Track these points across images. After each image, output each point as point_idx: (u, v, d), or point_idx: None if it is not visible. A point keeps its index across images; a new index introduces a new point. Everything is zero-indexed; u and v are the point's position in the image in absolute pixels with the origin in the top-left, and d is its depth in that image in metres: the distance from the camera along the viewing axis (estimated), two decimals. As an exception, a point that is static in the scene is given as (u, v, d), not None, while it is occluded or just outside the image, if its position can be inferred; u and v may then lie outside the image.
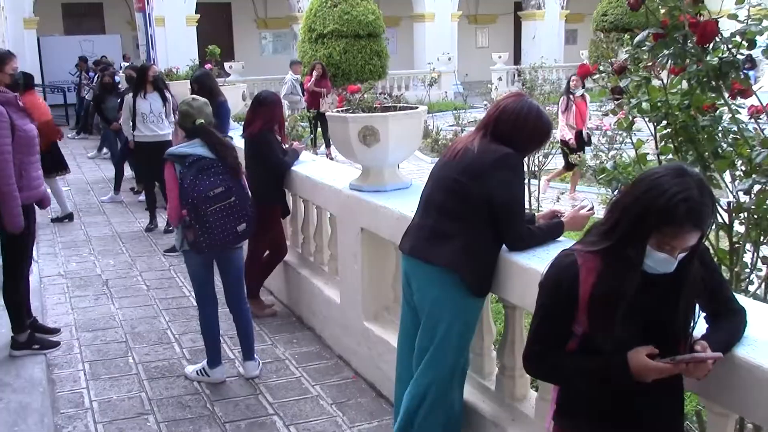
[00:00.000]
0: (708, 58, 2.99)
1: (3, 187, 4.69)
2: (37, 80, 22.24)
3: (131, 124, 8.69)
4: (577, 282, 2.21)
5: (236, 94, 9.67)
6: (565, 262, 2.27)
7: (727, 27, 2.97)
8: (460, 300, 3.24)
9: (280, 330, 5.72)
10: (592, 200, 3.54)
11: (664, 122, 3.32)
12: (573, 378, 2.30)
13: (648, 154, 3.52)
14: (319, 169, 5.74)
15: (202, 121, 4.57)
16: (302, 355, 5.26)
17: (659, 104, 3.30)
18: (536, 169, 7.94)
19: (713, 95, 3.06)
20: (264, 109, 5.75)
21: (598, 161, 9.12)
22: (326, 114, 5.19)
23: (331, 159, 12.32)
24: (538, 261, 3.12)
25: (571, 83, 10.80)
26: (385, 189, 4.66)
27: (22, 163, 4.77)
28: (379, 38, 20.62)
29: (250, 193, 4.67)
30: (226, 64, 19.30)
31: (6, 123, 4.66)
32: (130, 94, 8.88)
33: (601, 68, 3.36)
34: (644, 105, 3.33)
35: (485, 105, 15.15)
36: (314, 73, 14.67)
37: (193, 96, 4.91)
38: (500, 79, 22.47)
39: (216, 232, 4.48)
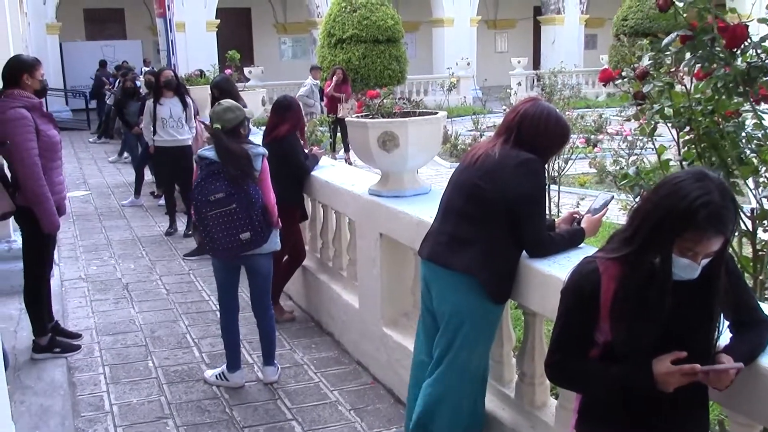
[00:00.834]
0: (736, 62, 2.95)
1: (37, 189, 4.75)
2: (59, 85, 22.57)
3: (152, 128, 8.75)
4: (599, 289, 2.19)
5: (256, 99, 9.70)
6: (586, 269, 2.25)
7: (756, 31, 2.93)
8: (480, 306, 3.23)
9: (299, 335, 5.72)
10: (605, 198, 3.50)
11: (687, 128, 3.29)
12: (596, 385, 2.27)
13: (670, 160, 3.49)
14: (338, 175, 5.74)
15: (218, 126, 4.59)
16: (321, 360, 5.26)
17: (682, 110, 3.27)
18: (556, 174, 7.89)
19: (739, 100, 3.03)
20: (291, 114, 5.79)
21: (618, 167, 9.09)
22: (346, 119, 5.20)
23: (350, 164, 12.34)
24: (558, 268, 3.10)
25: None
26: (405, 194, 4.65)
27: (45, 167, 4.82)
28: (398, 43, 20.64)
29: (264, 202, 4.60)
30: (246, 69, 19.39)
31: (32, 127, 4.72)
32: (151, 99, 8.95)
33: (624, 73, 3.33)
34: (667, 110, 3.31)
35: (504, 110, 15.12)
36: (334, 78, 14.70)
37: (222, 101, 4.94)
38: (519, 84, 22.43)
39: (217, 238, 4.49)
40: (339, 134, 14.53)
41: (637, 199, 3.37)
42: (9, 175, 4.93)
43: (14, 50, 7.84)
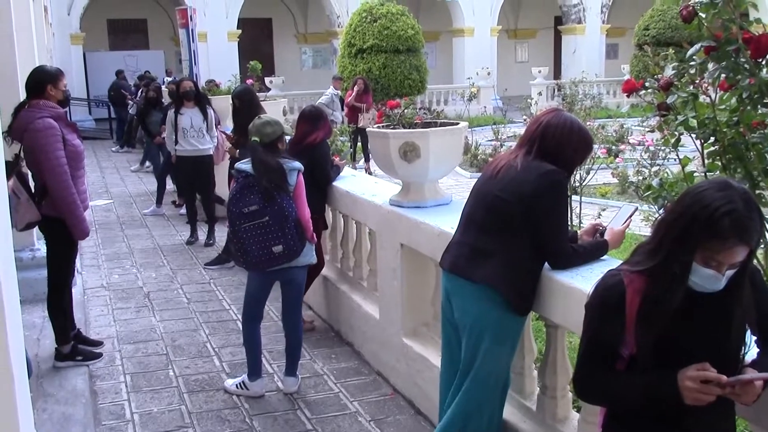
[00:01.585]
0: (761, 72, 2.92)
1: (67, 197, 4.81)
2: (83, 94, 22.82)
3: (173, 138, 8.81)
4: (624, 302, 2.17)
5: (277, 110, 9.74)
6: (611, 282, 2.23)
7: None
8: (502, 318, 3.21)
9: (319, 345, 5.72)
10: (629, 210, 3.47)
11: (712, 139, 3.26)
12: (622, 397, 2.23)
13: (695, 171, 3.46)
14: (359, 185, 5.75)
15: (256, 139, 4.64)
16: (341, 370, 5.25)
17: (707, 121, 3.24)
18: (578, 184, 7.85)
19: (764, 111, 2.99)
20: (323, 122, 5.85)
21: (640, 177, 9.02)
22: (367, 130, 5.21)
23: (370, 173, 12.35)
24: (581, 280, 3.08)
25: None
26: (426, 205, 4.64)
27: (71, 176, 4.86)
28: (419, 53, 20.69)
29: (297, 216, 4.63)
30: (267, 79, 19.52)
31: (59, 137, 4.78)
32: (173, 109, 9.01)
33: (648, 84, 3.30)
34: (691, 122, 3.27)
35: (525, 120, 15.09)
36: (355, 88, 14.74)
37: (259, 115, 5.00)
38: (540, 93, 22.37)
39: (250, 250, 4.53)
40: (359, 144, 14.55)
41: (661, 211, 3.34)
42: (32, 185, 4.99)
43: (39, 60, 7.94)
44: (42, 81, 4.91)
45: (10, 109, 4.92)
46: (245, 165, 4.64)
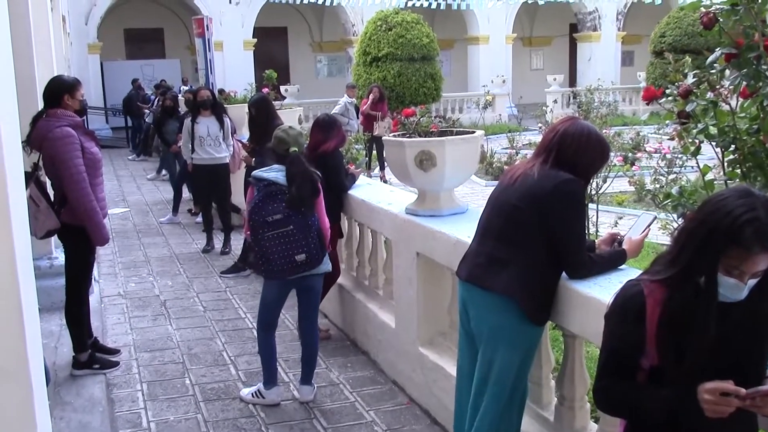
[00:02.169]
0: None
1: (86, 204, 4.84)
2: (100, 103, 23.01)
3: (190, 147, 8.86)
4: (644, 313, 2.15)
5: (293, 118, 9.77)
6: (631, 292, 2.20)
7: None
8: (519, 328, 3.18)
9: (335, 354, 5.71)
10: (647, 219, 3.44)
11: (732, 147, 3.23)
12: (643, 410, 2.21)
13: (714, 180, 3.43)
14: (374, 193, 5.74)
15: (296, 149, 4.66)
16: (356, 379, 5.24)
17: (727, 129, 3.21)
18: (594, 193, 7.80)
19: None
20: (337, 131, 5.86)
21: (657, 185, 8.97)
22: (383, 138, 5.21)
23: (385, 182, 12.36)
24: (599, 290, 3.05)
25: None
26: (442, 213, 4.63)
27: (89, 184, 4.89)
28: (434, 61, 20.71)
29: (320, 224, 4.68)
30: (282, 87, 19.58)
31: (77, 145, 4.81)
32: (189, 118, 9.06)
33: (668, 92, 3.28)
34: (711, 130, 3.25)
35: (540, 128, 15.05)
36: (371, 96, 14.75)
37: (290, 125, 5.02)
38: (555, 101, 22.27)
39: (272, 259, 4.54)
40: (374, 152, 14.55)
41: (680, 220, 3.31)
42: (51, 193, 5.02)
43: (57, 70, 8.01)
44: (59, 91, 4.95)
45: (29, 118, 4.96)
46: (266, 173, 4.65)
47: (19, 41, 5.76)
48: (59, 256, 6.27)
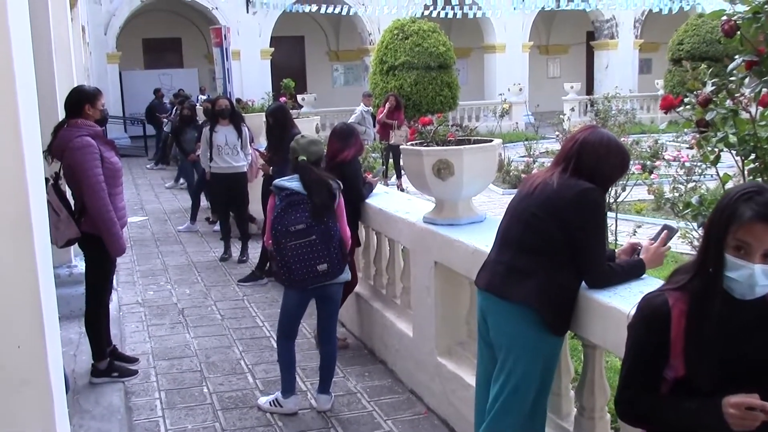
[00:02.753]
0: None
1: (104, 214, 4.87)
2: (118, 112, 23.20)
3: (208, 155, 8.90)
4: (669, 323, 2.13)
5: (310, 127, 9.80)
6: (655, 302, 2.19)
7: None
8: (538, 338, 3.16)
9: (352, 362, 5.70)
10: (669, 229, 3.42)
11: (753, 156, 3.21)
12: (667, 423, 2.19)
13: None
14: (392, 202, 5.74)
15: (304, 158, 4.69)
16: (374, 388, 5.23)
17: (747, 137, 3.19)
18: (613, 201, 7.77)
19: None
20: (354, 140, 5.86)
21: (676, 193, 8.91)
22: (400, 147, 5.21)
23: (402, 190, 12.35)
24: (619, 300, 3.03)
25: None
26: (460, 222, 4.62)
27: (108, 194, 4.93)
28: (450, 69, 20.72)
29: (341, 234, 4.69)
30: (299, 96, 19.67)
31: (97, 155, 4.85)
32: (208, 127, 9.11)
33: (686, 100, 3.26)
34: (731, 138, 3.23)
35: (557, 136, 15.01)
36: (387, 105, 14.77)
37: (302, 134, 5.04)
38: (572, 109, 22.23)
39: (294, 268, 4.55)
40: (391, 161, 14.56)
41: (700, 230, 3.28)
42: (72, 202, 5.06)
43: (77, 79, 8.09)
44: (80, 100, 5.00)
45: (50, 127, 5.00)
46: (288, 183, 4.66)
47: (40, 51, 5.82)
48: (78, 265, 6.31)
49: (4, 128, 2.12)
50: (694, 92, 3.26)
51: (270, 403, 4.89)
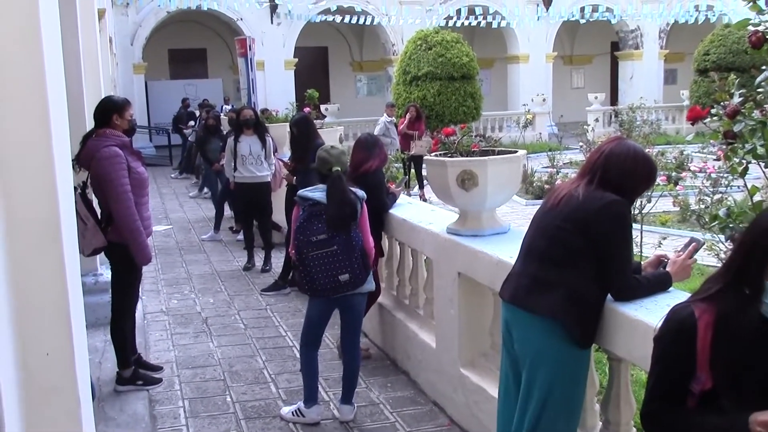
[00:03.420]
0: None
1: (130, 224, 4.92)
2: (144, 122, 23.45)
3: (232, 165, 8.97)
4: (695, 335, 2.11)
5: (334, 137, 9.84)
6: (681, 314, 2.17)
7: None
8: (564, 352, 3.14)
9: (375, 373, 5.69)
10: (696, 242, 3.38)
11: (782, 168, 3.17)
12: None
13: (763, 201, 3.37)
14: (415, 212, 5.74)
15: (338, 169, 4.69)
16: (397, 399, 5.22)
17: (776, 149, 3.15)
18: (637, 213, 7.70)
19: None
20: (379, 150, 5.87)
21: (703, 205, 8.83)
22: (424, 158, 5.21)
23: (425, 200, 12.35)
24: (645, 312, 3.01)
25: None
26: (483, 233, 4.61)
27: (135, 203, 4.98)
28: (473, 80, 20.73)
29: (364, 244, 4.71)
30: (322, 106, 19.76)
31: (124, 165, 4.90)
32: (232, 137, 9.18)
33: (714, 111, 3.23)
34: (759, 150, 3.19)
35: (581, 146, 14.94)
36: (407, 116, 14.79)
37: (332, 144, 5.06)
38: (596, 120, 22.12)
39: (316, 278, 4.56)
40: (413, 171, 14.56)
41: (728, 242, 3.25)
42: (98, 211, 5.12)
43: (104, 89, 8.18)
44: (108, 111, 5.06)
45: (78, 137, 5.06)
46: (311, 193, 4.68)
47: (70, 63, 5.91)
48: (104, 273, 6.38)
49: (35, 138, 2.15)
50: (722, 103, 3.23)
51: (293, 412, 4.89)
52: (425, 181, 13.48)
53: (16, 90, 2.10)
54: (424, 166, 12.55)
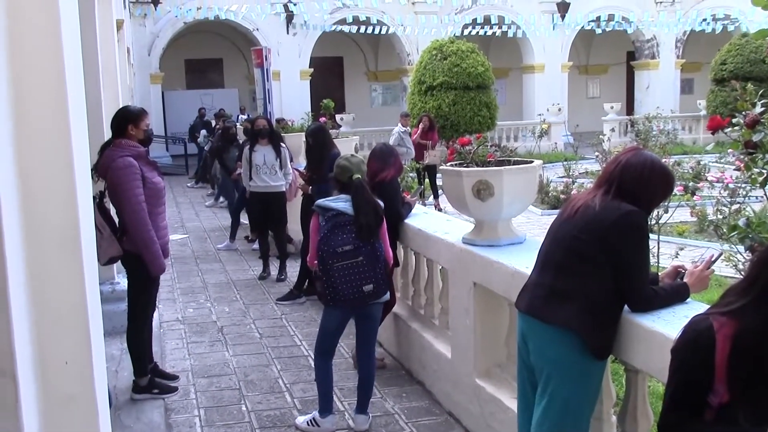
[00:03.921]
0: None
1: (144, 234, 4.95)
2: (160, 131, 23.61)
3: (248, 174, 9.00)
4: (714, 348, 2.09)
5: (349, 147, 9.86)
6: (699, 327, 2.15)
7: None
8: (580, 363, 3.12)
9: (390, 383, 5.68)
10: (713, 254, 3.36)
11: (802, 178, 3.15)
12: None
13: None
14: (431, 222, 5.74)
15: (359, 176, 4.70)
16: (412, 410, 5.20)
17: (796, 160, 3.13)
18: (654, 223, 7.65)
19: None
20: (395, 160, 5.88)
21: (720, 216, 8.76)
22: (440, 168, 5.21)
23: (440, 210, 12.33)
24: (663, 324, 2.99)
25: None
26: (499, 243, 4.60)
27: (150, 213, 5.01)
28: (488, 89, 20.71)
29: (386, 256, 4.72)
30: (337, 116, 19.81)
31: (139, 175, 4.93)
32: (248, 147, 9.22)
33: (734, 121, 3.22)
34: (779, 160, 3.17)
35: (597, 156, 14.88)
36: (420, 126, 14.80)
37: (352, 153, 5.08)
38: (613, 130, 22.02)
39: (340, 289, 4.56)
40: (427, 180, 14.55)
41: (747, 253, 3.22)
42: (116, 221, 5.15)
43: (122, 99, 8.25)
44: (124, 121, 5.09)
45: (96, 146, 5.10)
46: (334, 203, 4.67)
47: (89, 73, 5.96)
48: (121, 282, 6.41)
49: (56, 148, 2.17)
50: (743, 113, 3.21)
51: (307, 422, 4.89)
52: (440, 191, 13.48)
53: (38, 100, 2.12)
54: (438, 175, 12.57)
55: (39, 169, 2.14)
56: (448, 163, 5.01)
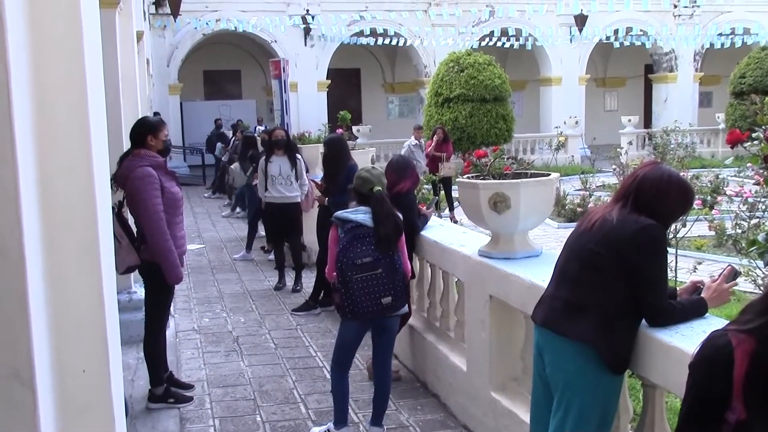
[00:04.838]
0: None
1: (162, 243, 4.98)
2: (178, 142, 23.78)
3: (264, 185, 9.04)
4: (732, 365, 2.07)
5: (366, 159, 9.88)
6: (718, 342, 2.13)
7: None
8: (597, 377, 3.10)
9: (405, 395, 5.67)
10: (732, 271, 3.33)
11: (822, 193, 3.12)
12: None
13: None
14: (447, 234, 5.73)
15: (380, 188, 4.71)
16: (426, 422, 5.18)
17: (816, 174, 3.11)
18: (672, 237, 7.60)
19: None
20: (411, 171, 5.88)
21: (739, 230, 8.69)
22: (456, 180, 5.21)
23: (456, 222, 12.31)
24: (681, 339, 2.96)
25: None
26: (515, 256, 4.58)
27: (169, 223, 5.04)
28: (505, 102, 20.72)
29: (405, 268, 4.73)
30: (354, 128, 19.86)
31: (158, 185, 4.97)
32: (263, 157, 9.26)
33: (754, 135, 3.20)
34: (799, 175, 3.15)
35: (614, 169, 14.81)
36: (434, 138, 14.81)
37: (372, 165, 5.08)
38: (630, 143, 21.93)
39: (359, 301, 4.55)
40: (442, 193, 14.53)
41: (766, 268, 3.20)
42: (135, 230, 5.18)
43: (141, 110, 8.32)
44: (143, 131, 5.14)
45: (116, 156, 5.15)
46: (353, 215, 4.67)
47: (109, 84, 6.01)
48: (138, 291, 6.45)
49: (76, 158, 2.20)
50: (762, 127, 3.19)
51: (322, 434, 4.88)
52: (455, 203, 13.46)
53: (59, 110, 2.15)
54: (454, 187, 12.54)
55: (59, 179, 2.16)
56: (465, 176, 5.01)
